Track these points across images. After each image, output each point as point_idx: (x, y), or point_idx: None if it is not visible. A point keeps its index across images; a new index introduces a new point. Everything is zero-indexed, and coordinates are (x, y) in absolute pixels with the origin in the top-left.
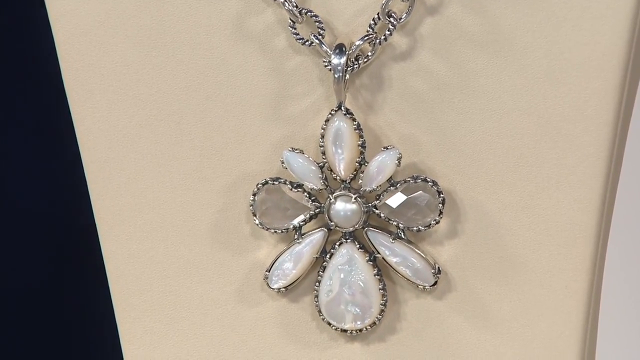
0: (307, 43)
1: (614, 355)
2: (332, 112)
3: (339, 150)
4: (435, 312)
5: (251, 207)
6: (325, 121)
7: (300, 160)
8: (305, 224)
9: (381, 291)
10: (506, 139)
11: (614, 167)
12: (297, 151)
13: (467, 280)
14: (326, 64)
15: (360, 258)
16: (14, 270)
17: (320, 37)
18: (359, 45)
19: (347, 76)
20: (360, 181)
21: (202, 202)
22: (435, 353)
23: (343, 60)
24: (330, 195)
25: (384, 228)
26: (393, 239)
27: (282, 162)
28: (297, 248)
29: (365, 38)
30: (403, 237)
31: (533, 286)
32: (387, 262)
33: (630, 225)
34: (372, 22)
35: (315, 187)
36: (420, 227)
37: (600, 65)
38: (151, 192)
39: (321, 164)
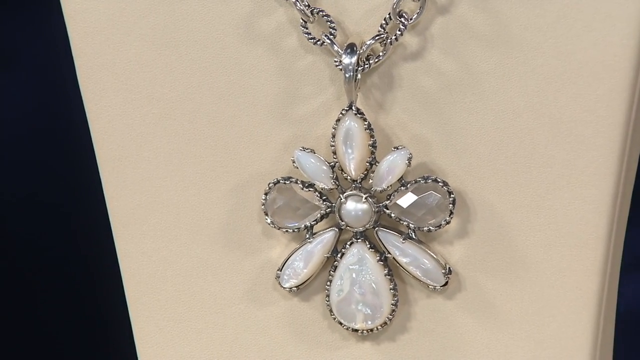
0: (318, 43)
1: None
2: (343, 112)
3: (349, 150)
4: (446, 312)
5: (263, 207)
6: (336, 121)
7: (312, 160)
8: (317, 223)
9: (392, 291)
10: (517, 139)
11: (625, 168)
12: (308, 151)
13: (477, 280)
14: (337, 63)
15: (371, 258)
16: (30, 267)
17: (332, 36)
18: (369, 45)
19: (359, 76)
20: (370, 181)
21: (215, 201)
22: (445, 353)
23: (354, 59)
24: (341, 195)
25: (394, 228)
26: (404, 239)
27: (294, 162)
28: (308, 247)
29: (377, 38)
30: (414, 237)
31: (544, 287)
32: (398, 262)
33: None
34: (384, 21)
35: (326, 187)
36: (430, 227)
37: (611, 66)
38: (165, 190)
39: (332, 163)
